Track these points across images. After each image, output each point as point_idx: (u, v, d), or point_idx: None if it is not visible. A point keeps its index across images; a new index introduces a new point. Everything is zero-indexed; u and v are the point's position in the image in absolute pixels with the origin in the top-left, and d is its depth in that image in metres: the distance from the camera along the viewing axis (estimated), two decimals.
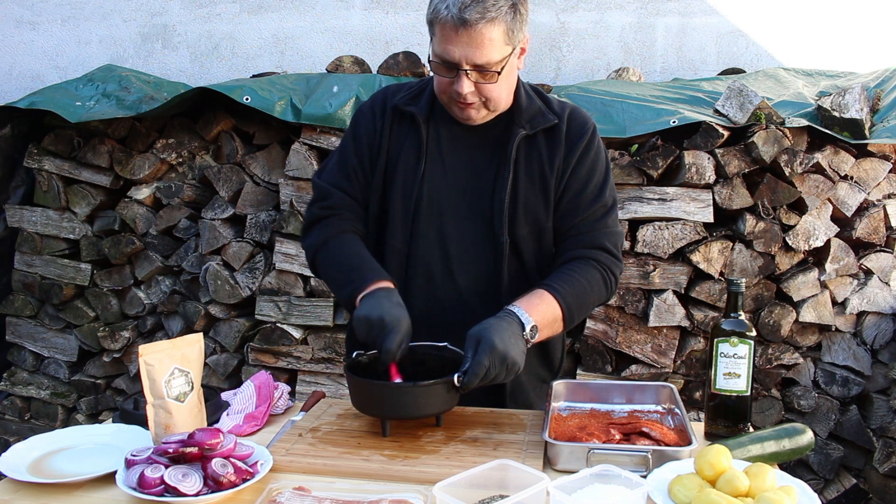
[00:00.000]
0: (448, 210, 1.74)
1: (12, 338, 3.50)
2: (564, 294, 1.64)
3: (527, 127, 1.71)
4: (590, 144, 1.75)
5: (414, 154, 1.73)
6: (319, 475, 1.41)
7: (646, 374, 2.92)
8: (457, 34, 1.53)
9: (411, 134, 1.74)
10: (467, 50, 1.54)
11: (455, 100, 1.63)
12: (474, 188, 1.73)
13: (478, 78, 1.59)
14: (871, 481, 2.94)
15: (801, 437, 1.54)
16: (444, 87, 1.63)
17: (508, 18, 1.54)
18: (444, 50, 1.56)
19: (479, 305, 1.70)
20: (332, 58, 3.43)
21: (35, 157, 3.32)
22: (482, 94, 1.62)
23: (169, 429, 1.49)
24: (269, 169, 3.15)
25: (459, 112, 1.67)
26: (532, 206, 1.72)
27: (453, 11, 1.51)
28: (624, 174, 2.83)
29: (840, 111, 2.83)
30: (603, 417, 1.64)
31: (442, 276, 1.75)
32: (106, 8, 3.88)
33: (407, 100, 1.76)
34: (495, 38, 1.54)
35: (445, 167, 1.74)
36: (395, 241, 1.75)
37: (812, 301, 2.87)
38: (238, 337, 3.18)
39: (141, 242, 3.28)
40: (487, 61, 1.56)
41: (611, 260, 1.73)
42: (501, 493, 1.25)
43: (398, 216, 1.74)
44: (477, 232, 1.73)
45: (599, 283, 1.70)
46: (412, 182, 1.72)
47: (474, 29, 1.51)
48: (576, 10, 3.63)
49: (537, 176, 1.72)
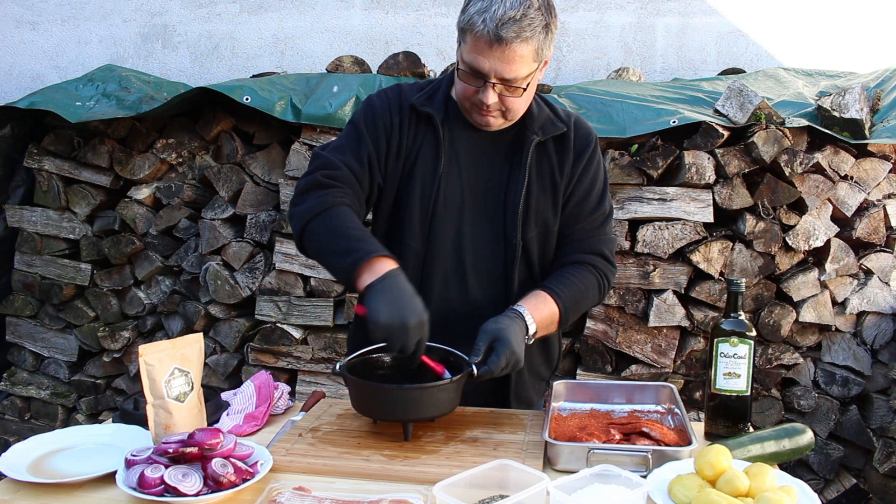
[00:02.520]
0: (463, 211, 1.76)
1: (12, 338, 3.50)
2: (564, 298, 1.71)
3: (539, 134, 1.74)
4: (594, 154, 1.81)
5: (432, 154, 1.74)
6: (319, 475, 1.41)
7: (646, 374, 2.92)
8: (490, 49, 1.54)
9: (428, 134, 1.75)
10: (498, 64, 1.56)
11: (477, 107, 1.66)
12: (488, 190, 1.76)
13: (502, 90, 1.61)
14: (871, 481, 2.94)
15: (801, 437, 1.54)
16: (468, 95, 1.65)
17: (541, 38, 1.56)
18: (475, 60, 1.58)
19: (488, 306, 1.73)
20: (332, 58, 3.43)
21: (35, 157, 3.32)
22: (504, 105, 1.65)
23: (169, 429, 1.49)
24: (269, 169, 3.15)
25: (479, 118, 1.69)
26: (542, 209, 1.76)
27: (490, 27, 1.52)
28: (624, 174, 2.83)
29: (840, 111, 2.83)
30: (603, 417, 1.64)
31: (457, 277, 1.77)
32: (106, 8, 3.88)
33: (423, 100, 1.76)
34: (526, 56, 1.56)
35: (461, 168, 1.76)
36: (414, 241, 1.75)
37: (812, 301, 2.87)
38: (238, 337, 3.18)
39: (141, 242, 3.28)
40: (515, 77, 1.58)
41: (607, 266, 1.81)
42: (501, 493, 1.25)
43: (416, 216, 1.74)
44: (490, 233, 1.76)
45: (595, 287, 1.78)
46: (431, 182, 1.73)
47: (508, 47, 1.53)
48: (576, 10, 3.63)
49: (548, 181, 1.76)
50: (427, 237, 1.75)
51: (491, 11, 1.52)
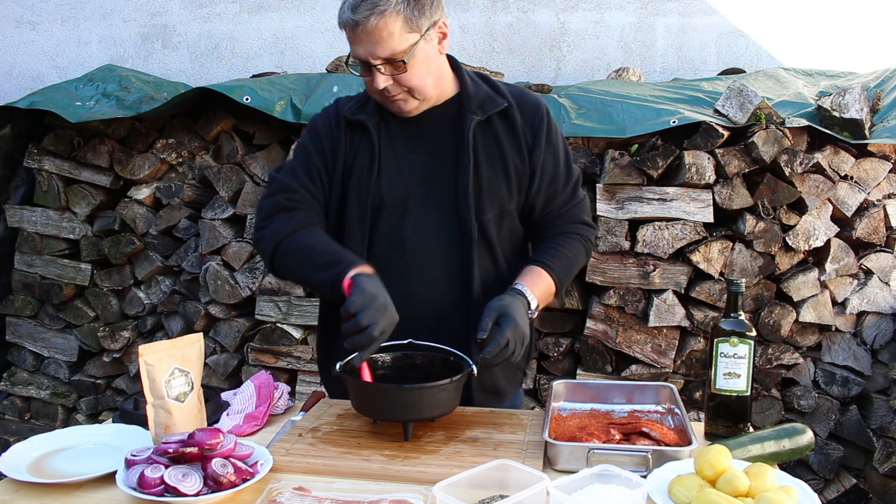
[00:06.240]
0: (410, 206, 1.75)
1: (12, 338, 3.50)
2: (558, 270, 1.76)
3: (479, 112, 1.73)
4: (549, 126, 1.80)
5: (367, 158, 1.75)
6: (319, 475, 1.41)
7: (646, 374, 2.92)
8: (355, 34, 1.59)
9: (364, 141, 1.76)
10: (368, 46, 1.59)
11: (381, 95, 1.67)
12: (435, 180, 1.75)
13: (391, 71, 1.62)
14: (871, 481, 2.94)
15: (801, 437, 1.54)
16: (369, 87, 1.68)
17: (403, 7, 1.57)
18: (353, 51, 1.63)
19: (450, 294, 1.74)
20: (332, 58, 3.43)
21: (35, 157, 3.32)
22: (403, 85, 1.64)
23: (169, 429, 1.49)
24: (269, 169, 3.15)
25: (391, 106, 1.70)
26: (495, 189, 1.75)
27: (348, 14, 1.58)
28: (624, 174, 2.83)
29: (840, 111, 2.83)
30: (603, 417, 1.64)
31: (410, 271, 1.75)
32: (106, 8, 3.88)
33: (354, 109, 1.78)
34: (394, 30, 1.57)
35: (401, 164, 1.76)
36: (354, 244, 1.74)
37: (812, 301, 2.87)
38: (238, 337, 3.18)
39: (141, 242, 3.28)
40: (392, 53, 1.59)
41: (588, 230, 1.89)
42: (501, 493, 1.25)
43: (355, 220, 1.75)
44: (444, 222, 1.75)
45: (582, 253, 1.86)
46: (367, 184, 1.74)
47: (367, 25, 1.56)
48: (576, 10, 3.63)
49: (497, 159, 1.75)
50: (369, 238, 1.76)
51: (349, 1, 1.58)
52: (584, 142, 2.98)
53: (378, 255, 1.74)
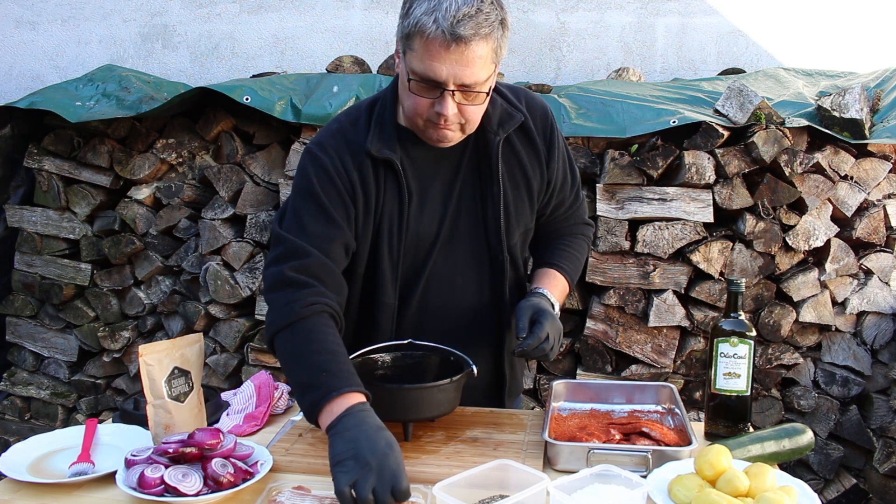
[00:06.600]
0: (440, 240, 1.66)
1: (12, 338, 3.50)
2: (569, 270, 1.81)
3: (500, 132, 1.62)
4: (558, 133, 1.74)
5: (397, 200, 1.60)
6: (319, 475, 1.40)
7: (646, 374, 2.92)
8: (447, 51, 1.38)
9: (390, 179, 1.59)
10: (457, 68, 1.40)
11: (433, 122, 1.49)
12: (461, 210, 1.66)
13: (461, 99, 1.45)
14: (871, 481, 2.94)
15: (801, 437, 1.54)
16: (421, 110, 1.48)
17: (498, 35, 1.42)
18: (430, 68, 1.40)
19: (481, 318, 1.76)
20: (332, 58, 3.43)
21: (35, 157, 3.32)
22: (463, 116, 1.49)
23: (169, 429, 1.49)
24: (269, 169, 3.15)
25: (434, 133, 1.52)
26: (521, 212, 1.71)
27: (444, 26, 1.35)
28: (624, 174, 2.83)
29: (840, 111, 2.83)
30: (603, 417, 1.64)
31: (439, 301, 1.71)
32: (106, 8, 3.88)
33: (378, 145, 1.57)
34: (485, 56, 1.41)
35: (430, 201, 1.63)
36: (385, 284, 1.64)
37: (812, 301, 2.87)
38: (238, 337, 3.18)
39: (141, 242, 3.28)
40: (475, 81, 1.42)
41: (589, 229, 1.94)
42: (501, 493, 1.25)
43: (385, 262, 1.62)
44: (474, 251, 1.70)
45: (586, 250, 1.92)
46: (399, 226, 1.61)
47: (468, 46, 1.37)
48: (576, 10, 3.63)
49: (520, 179, 1.68)
50: (400, 286, 1.66)
51: (442, 10, 1.36)
52: (584, 142, 2.98)
53: (406, 290, 1.68)
